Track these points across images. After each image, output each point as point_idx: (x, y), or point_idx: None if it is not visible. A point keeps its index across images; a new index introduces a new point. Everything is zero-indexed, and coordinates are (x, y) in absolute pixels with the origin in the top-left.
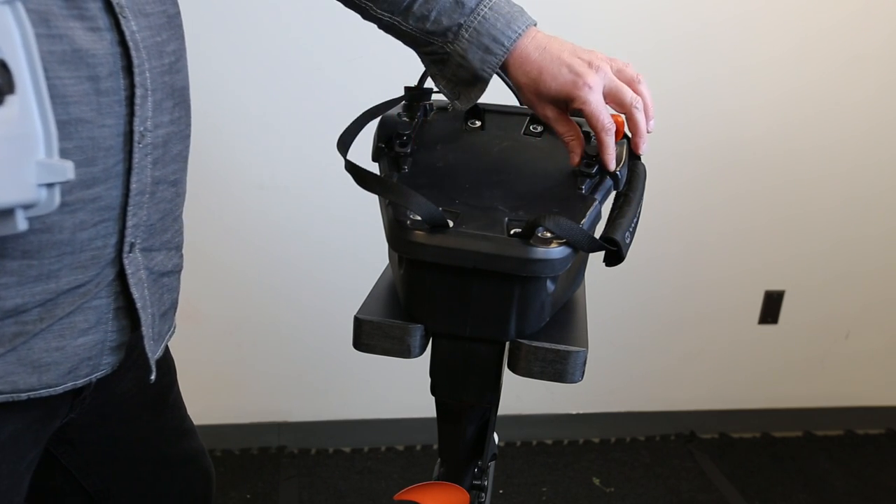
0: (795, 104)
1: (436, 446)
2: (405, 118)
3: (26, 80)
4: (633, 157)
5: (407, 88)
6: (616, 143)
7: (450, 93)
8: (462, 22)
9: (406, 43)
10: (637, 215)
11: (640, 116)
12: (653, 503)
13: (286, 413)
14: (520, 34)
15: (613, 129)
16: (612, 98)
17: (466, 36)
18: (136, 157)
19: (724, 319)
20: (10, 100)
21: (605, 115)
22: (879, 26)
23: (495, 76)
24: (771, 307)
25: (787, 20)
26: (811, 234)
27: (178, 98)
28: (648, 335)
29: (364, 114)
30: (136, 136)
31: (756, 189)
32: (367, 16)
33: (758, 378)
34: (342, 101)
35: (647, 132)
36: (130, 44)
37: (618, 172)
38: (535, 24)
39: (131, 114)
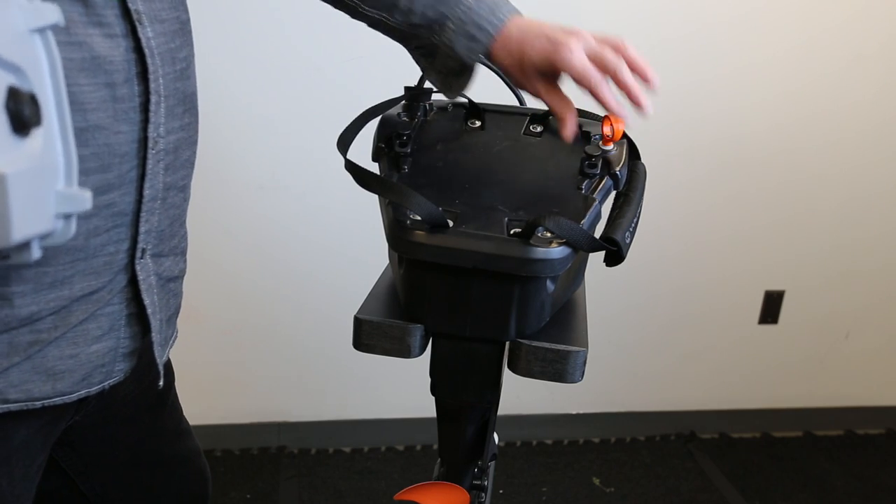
0: (796, 104)
1: (436, 446)
2: (405, 118)
3: (52, 110)
4: (634, 157)
5: (407, 88)
6: (616, 143)
7: (441, 84)
8: (446, 13)
9: (395, 38)
10: (637, 215)
11: (625, 75)
12: (653, 503)
13: (286, 413)
14: (504, 21)
15: (605, 81)
16: (594, 61)
17: (451, 27)
18: (150, 163)
19: (724, 319)
20: (36, 132)
21: (592, 71)
22: (881, 26)
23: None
24: (771, 307)
25: (788, 20)
26: (811, 234)
27: (188, 104)
28: (648, 335)
29: (364, 113)
30: (150, 143)
31: (756, 189)
32: (355, 14)
33: (758, 378)
34: (342, 101)
35: (651, 88)
36: (146, 50)
37: (618, 172)
38: (520, 14)
39: (145, 120)
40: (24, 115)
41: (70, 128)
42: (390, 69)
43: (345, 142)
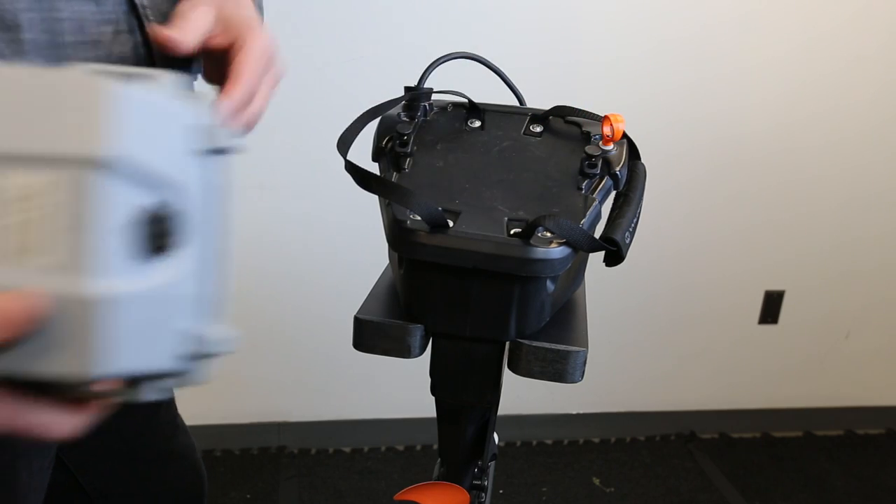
0: (796, 104)
1: (436, 446)
2: (405, 118)
3: (195, 238)
4: (634, 157)
5: (407, 88)
6: (616, 143)
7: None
8: None
9: None
10: (637, 215)
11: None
12: (653, 503)
13: (286, 413)
14: None
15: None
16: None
17: None
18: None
19: (724, 319)
20: (165, 259)
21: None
22: (880, 27)
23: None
24: (771, 307)
25: (789, 21)
26: (811, 234)
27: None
28: (648, 335)
29: (364, 114)
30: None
31: (756, 189)
32: None
33: (758, 378)
34: (342, 101)
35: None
36: (154, 45)
37: (618, 172)
38: None
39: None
40: (155, 238)
41: (217, 261)
42: (390, 69)
43: (345, 142)
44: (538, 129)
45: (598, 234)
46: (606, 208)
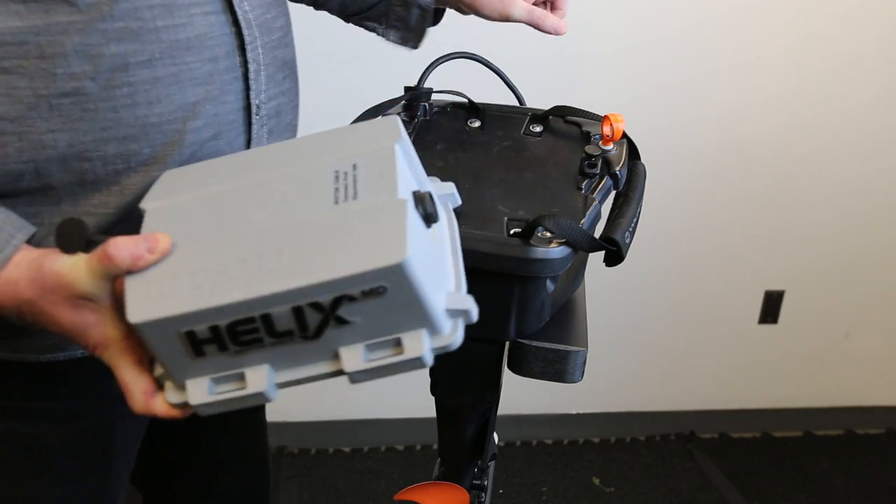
0: (796, 104)
1: (436, 446)
2: (405, 118)
3: (446, 234)
4: (633, 157)
5: (407, 88)
6: (616, 142)
7: (403, 39)
8: None
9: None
10: (637, 215)
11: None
12: (653, 503)
13: (286, 413)
14: None
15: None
16: None
17: None
18: (255, 128)
19: (724, 319)
20: (433, 230)
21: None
22: (879, 26)
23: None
24: (771, 307)
25: (787, 19)
26: (811, 233)
27: (288, 70)
28: (648, 335)
29: (364, 113)
30: (254, 109)
31: (756, 189)
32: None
33: (758, 378)
34: (341, 100)
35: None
36: (243, 23)
37: (618, 172)
38: None
39: (248, 88)
40: (425, 212)
41: (459, 258)
42: (390, 69)
43: None
44: (538, 129)
45: (598, 233)
46: (606, 208)
